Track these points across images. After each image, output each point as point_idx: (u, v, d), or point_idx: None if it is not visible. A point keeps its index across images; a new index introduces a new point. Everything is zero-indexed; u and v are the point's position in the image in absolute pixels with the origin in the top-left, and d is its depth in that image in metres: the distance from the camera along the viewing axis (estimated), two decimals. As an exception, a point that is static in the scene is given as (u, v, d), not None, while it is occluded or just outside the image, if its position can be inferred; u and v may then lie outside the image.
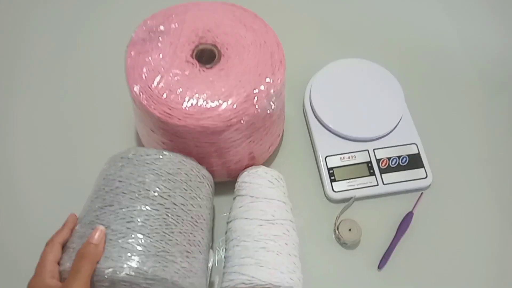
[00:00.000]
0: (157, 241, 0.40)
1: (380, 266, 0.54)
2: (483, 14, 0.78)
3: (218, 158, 0.50)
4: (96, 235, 0.39)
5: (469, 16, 0.77)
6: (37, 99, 0.67)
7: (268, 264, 0.45)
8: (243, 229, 0.47)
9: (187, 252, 0.42)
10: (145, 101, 0.45)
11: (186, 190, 0.45)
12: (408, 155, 0.60)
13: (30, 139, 0.63)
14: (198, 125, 0.44)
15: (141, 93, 0.46)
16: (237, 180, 0.53)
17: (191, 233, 0.43)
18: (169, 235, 0.41)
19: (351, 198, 0.57)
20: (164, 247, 0.40)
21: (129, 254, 0.38)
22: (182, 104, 0.45)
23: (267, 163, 0.60)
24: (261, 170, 0.52)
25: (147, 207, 0.41)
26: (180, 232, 0.42)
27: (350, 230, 0.55)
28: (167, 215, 0.42)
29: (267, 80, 0.47)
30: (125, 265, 0.38)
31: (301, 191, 0.58)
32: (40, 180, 0.60)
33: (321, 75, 0.64)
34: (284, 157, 0.62)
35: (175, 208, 0.43)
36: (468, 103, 0.68)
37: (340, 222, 0.55)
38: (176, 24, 0.50)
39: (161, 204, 0.42)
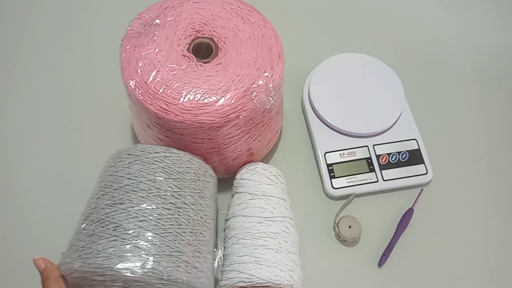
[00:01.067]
0: (170, 241, 0.39)
1: (381, 263, 0.53)
2: (482, 9, 0.77)
3: (216, 155, 0.49)
4: (40, 263, 0.39)
5: (469, 11, 0.76)
6: (31, 95, 0.65)
7: (267, 262, 0.44)
8: (241, 226, 0.46)
9: (198, 252, 0.42)
10: (141, 97, 0.44)
11: (195, 189, 0.44)
12: (408, 151, 0.59)
13: (24, 135, 0.62)
14: (195, 121, 0.43)
15: (136, 88, 0.45)
16: (236, 177, 0.52)
17: (201, 233, 0.43)
18: (181, 235, 0.40)
19: (351, 194, 0.56)
20: (177, 247, 0.40)
21: (143, 254, 0.38)
22: (179, 99, 0.44)
23: (266, 159, 0.59)
24: (259, 166, 0.51)
25: (159, 206, 0.40)
26: (192, 232, 0.42)
27: (350, 227, 0.54)
28: (179, 215, 0.41)
29: (266, 74, 0.46)
30: (140, 266, 0.37)
31: (300, 187, 0.58)
32: (35, 175, 0.59)
33: (320, 70, 0.63)
34: (282, 154, 0.61)
35: (185, 208, 0.42)
36: (469, 98, 0.67)
37: (339, 219, 0.54)
38: (172, 17, 0.49)
39: (172, 203, 0.41)
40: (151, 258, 0.38)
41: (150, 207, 0.40)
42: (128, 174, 0.42)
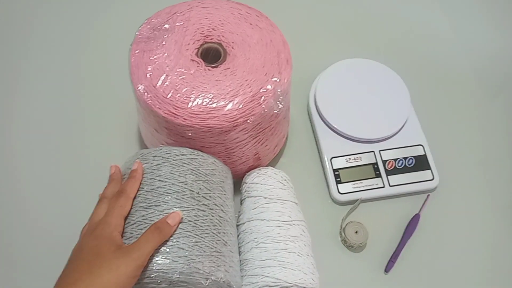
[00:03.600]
0: (209, 241, 0.40)
1: (387, 269, 0.53)
2: (486, 15, 0.77)
3: (223, 159, 0.49)
4: (174, 219, 0.39)
5: (473, 18, 0.77)
6: (39, 97, 0.66)
7: (292, 265, 0.44)
8: (260, 230, 0.47)
9: (231, 252, 0.43)
10: (150, 101, 0.45)
11: (221, 191, 0.45)
12: (414, 157, 0.59)
13: (32, 137, 0.62)
14: (203, 125, 0.44)
15: (145, 92, 0.45)
16: (245, 181, 0.52)
17: (230, 233, 0.44)
18: (217, 235, 0.41)
19: (357, 200, 0.56)
20: (215, 247, 0.41)
21: (188, 255, 0.38)
22: (188, 104, 0.44)
23: (272, 164, 0.59)
24: (270, 171, 0.51)
25: (195, 208, 0.41)
26: (224, 233, 0.43)
27: (356, 232, 0.54)
28: (213, 216, 0.42)
29: (274, 79, 0.46)
30: (186, 266, 0.38)
31: (306, 193, 0.57)
32: (42, 178, 0.59)
33: (327, 75, 0.64)
34: (288, 158, 0.61)
35: (216, 209, 0.43)
36: (475, 104, 0.67)
37: (346, 225, 0.54)
38: (181, 22, 0.49)
39: (205, 205, 0.42)
40: (195, 259, 0.38)
41: (186, 209, 0.41)
42: (158, 176, 0.42)
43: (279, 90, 0.46)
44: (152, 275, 0.37)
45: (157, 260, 0.37)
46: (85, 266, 0.35)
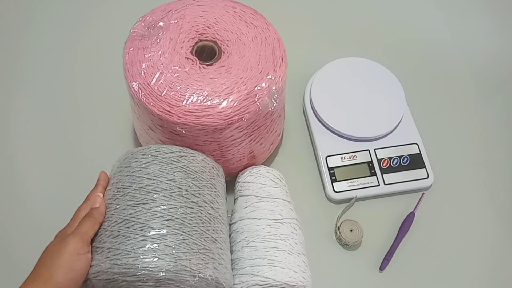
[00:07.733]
0: (197, 238, 0.40)
1: (382, 267, 0.53)
2: (481, 15, 0.77)
3: (218, 157, 0.49)
4: (98, 201, 0.42)
5: (468, 18, 0.77)
6: (34, 95, 0.65)
7: (281, 264, 0.44)
8: (251, 229, 0.47)
9: (221, 249, 0.43)
10: (144, 98, 0.44)
11: (212, 188, 0.45)
12: (409, 155, 0.59)
13: (26, 135, 0.62)
14: (198, 123, 0.43)
15: (140, 90, 0.45)
16: (238, 180, 0.52)
17: (220, 231, 0.44)
18: (206, 233, 0.41)
19: (352, 198, 0.56)
20: (204, 244, 0.40)
21: (175, 253, 0.38)
22: (182, 102, 0.44)
23: (267, 162, 0.59)
24: (263, 169, 0.51)
25: (183, 205, 0.41)
26: (214, 230, 0.42)
27: (351, 231, 0.54)
28: (201, 213, 0.42)
29: (269, 77, 0.46)
30: (173, 264, 0.38)
31: (301, 191, 0.57)
32: (37, 176, 0.59)
33: (322, 73, 0.64)
34: (284, 157, 0.61)
35: (206, 206, 0.43)
36: (469, 103, 0.67)
37: (341, 223, 0.54)
38: (176, 20, 0.49)
39: (194, 202, 0.42)
40: (182, 256, 0.38)
41: (174, 207, 0.41)
42: (147, 174, 0.42)
43: (274, 88, 0.46)
44: (138, 273, 0.37)
45: (143, 258, 0.37)
46: (39, 262, 0.38)
